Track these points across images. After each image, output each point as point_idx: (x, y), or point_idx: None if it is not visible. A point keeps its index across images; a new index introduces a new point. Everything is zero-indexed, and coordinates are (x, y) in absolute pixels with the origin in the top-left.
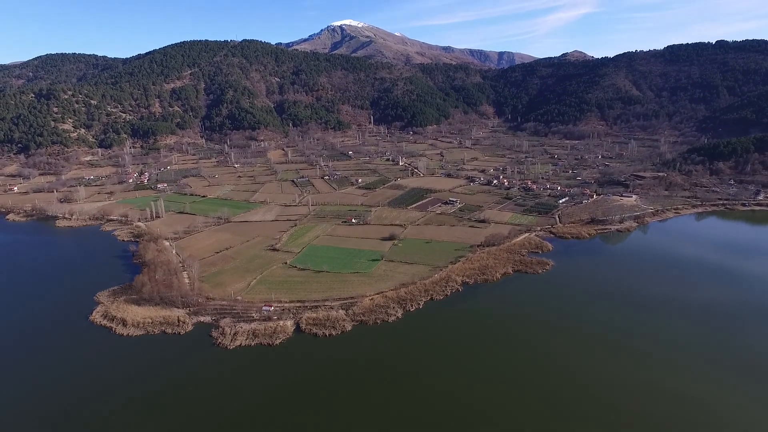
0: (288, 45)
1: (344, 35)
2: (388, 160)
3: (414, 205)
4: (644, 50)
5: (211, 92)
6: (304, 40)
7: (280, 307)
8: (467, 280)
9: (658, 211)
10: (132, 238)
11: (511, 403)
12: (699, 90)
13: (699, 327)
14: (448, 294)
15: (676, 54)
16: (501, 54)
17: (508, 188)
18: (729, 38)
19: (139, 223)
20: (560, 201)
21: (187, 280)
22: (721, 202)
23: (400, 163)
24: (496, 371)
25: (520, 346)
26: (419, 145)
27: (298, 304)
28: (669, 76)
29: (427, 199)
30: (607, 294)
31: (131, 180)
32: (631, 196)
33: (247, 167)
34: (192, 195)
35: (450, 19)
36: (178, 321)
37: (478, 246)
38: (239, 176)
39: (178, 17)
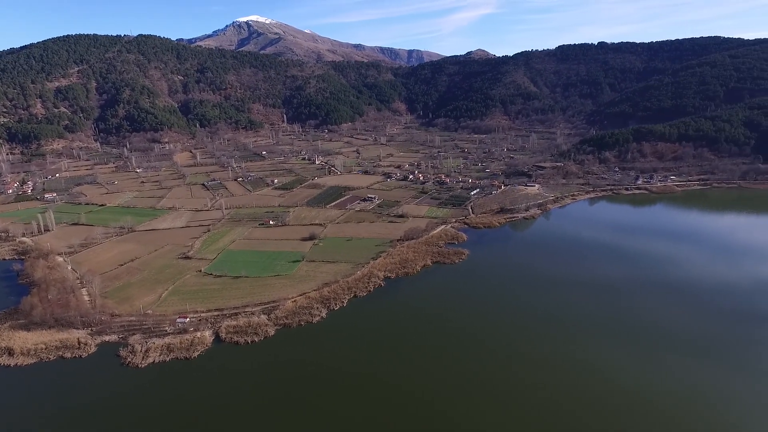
0: (190, 41)
1: (251, 31)
2: (304, 159)
3: (333, 204)
4: (539, 49)
5: (105, 91)
6: (208, 36)
7: (196, 318)
8: (389, 275)
9: (557, 198)
10: (15, 256)
11: (443, 387)
12: (586, 86)
13: (597, 301)
14: (371, 290)
15: (566, 53)
16: (410, 52)
17: (424, 183)
18: (609, 40)
19: (24, 239)
20: (472, 193)
21: (87, 298)
22: (609, 187)
23: (317, 162)
24: (425, 358)
25: (444, 332)
26: (335, 143)
27: (216, 313)
28: (561, 74)
29: (346, 197)
30: (519, 277)
31: (10, 191)
32: (534, 186)
33: (151, 172)
34: (88, 204)
35: (359, 16)
36: (79, 343)
37: (398, 240)
38: (142, 182)
39: (60, 8)
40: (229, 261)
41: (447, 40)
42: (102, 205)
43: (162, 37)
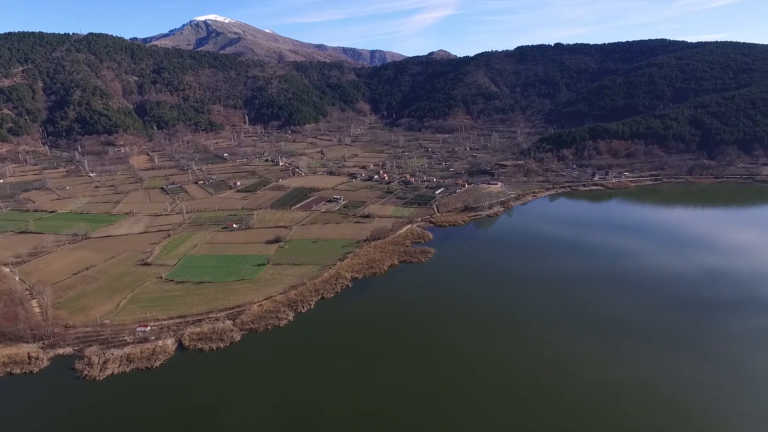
0: (145, 40)
1: (210, 31)
2: (267, 160)
3: (298, 205)
4: (499, 50)
5: (53, 92)
6: (164, 36)
7: (157, 326)
8: (356, 276)
9: (519, 195)
10: None
11: (410, 387)
12: (544, 86)
13: (559, 295)
14: (339, 291)
15: (524, 54)
16: (373, 52)
17: (389, 182)
18: (564, 41)
19: None
20: (437, 192)
21: (38, 310)
22: (568, 184)
23: (281, 163)
24: (392, 358)
25: (411, 332)
26: (299, 144)
27: (178, 320)
28: (520, 74)
29: (311, 198)
30: (484, 274)
31: None
32: (497, 184)
33: (106, 176)
34: (37, 211)
35: (321, 17)
36: (29, 358)
37: (365, 241)
38: (97, 186)
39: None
40: (192, 266)
41: (409, 41)
42: (52, 211)
43: (114, 36)
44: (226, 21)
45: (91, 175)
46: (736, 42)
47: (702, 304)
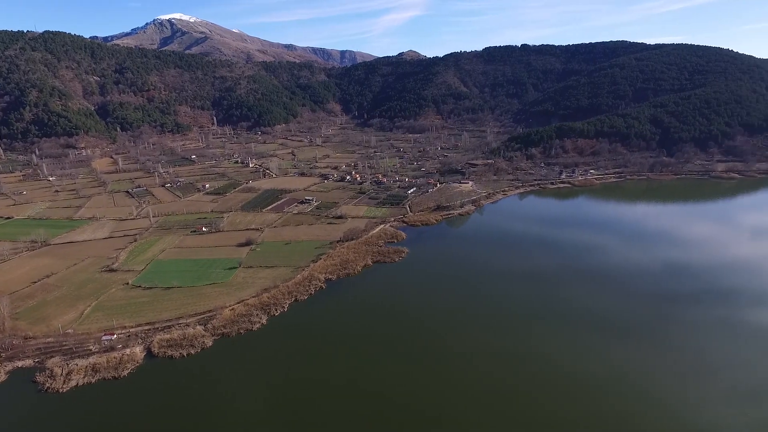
0: (107, 39)
1: (175, 30)
2: (237, 162)
3: (269, 207)
4: (467, 51)
5: (6, 93)
6: (127, 35)
7: (124, 334)
8: (330, 277)
9: (490, 194)
10: None
11: (387, 385)
12: (512, 86)
13: (529, 290)
14: (313, 293)
15: (492, 55)
16: (343, 52)
17: (361, 183)
18: (531, 42)
19: None
20: (409, 191)
21: None
22: (536, 182)
23: (251, 165)
24: (369, 358)
25: (386, 331)
26: (269, 145)
27: (147, 327)
28: (489, 74)
29: (283, 200)
30: (457, 272)
31: None
32: (468, 183)
33: (67, 180)
34: None
35: (289, 16)
36: None
37: (338, 242)
38: (57, 191)
39: None
40: (160, 271)
41: (379, 41)
42: (8, 218)
43: (73, 34)
44: (191, 20)
45: (51, 179)
46: (691, 44)
47: (665, 296)
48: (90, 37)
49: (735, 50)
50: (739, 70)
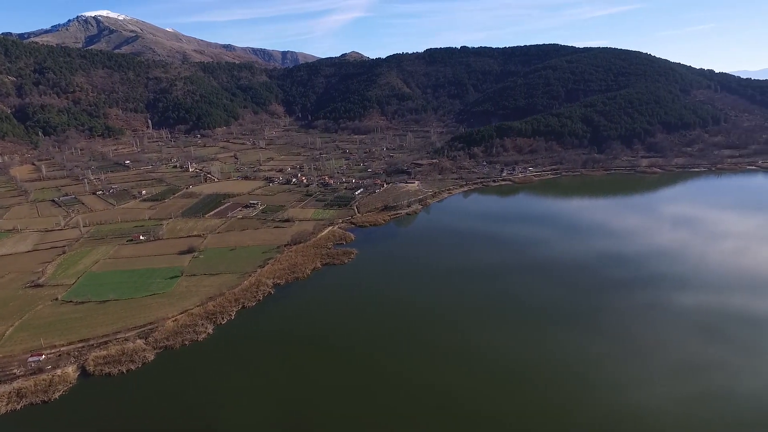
0: (23, 36)
1: (102, 28)
2: (175, 167)
3: (212, 213)
4: (410, 52)
5: None
6: (47, 32)
7: (54, 354)
8: (278, 281)
9: (436, 193)
10: None
11: (335, 390)
12: (453, 87)
13: (477, 286)
14: (261, 299)
15: (433, 56)
16: (284, 53)
17: (308, 185)
18: (470, 44)
19: None
20: (356, 193)
21: None
22: (480, 180)
23: (191, 169)
24: (317, 362)
25: (336, 334)
26: (210, 149)
27: (80, 345)
28: (430, 76)
29: (226, 205)
30: (406, 271)
31: None
32: (414, 182)
33: None
34: None
35: (227, 16)
36: None
37: (286, 246)
38: None
39: None
40: (93, 284)
41: (321, 42)
42: None
43: None
44: (120, 18)
45: None
46: (615, 48)
47: (600, 285)
48: (2, 33)
49: (652, 54)
50: (656, 72)
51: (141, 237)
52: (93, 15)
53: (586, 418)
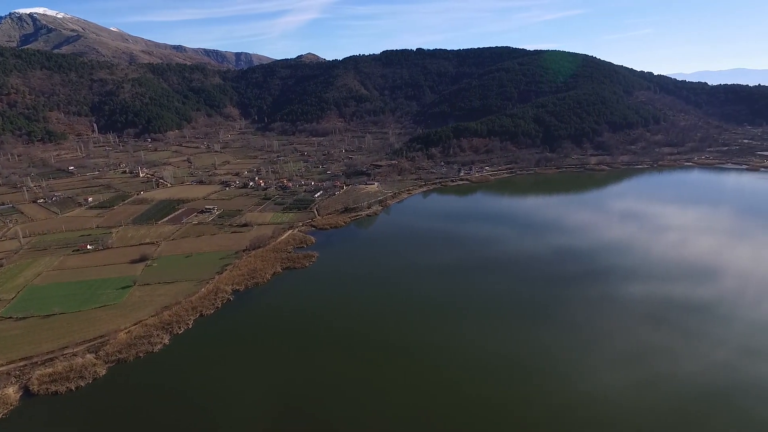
0: None
1: (39, 26)
2: (124, 172)
3: (165, 219)
4: (366, 54)
5: None
6: None
7: None
8: (238, 288)
9: (395, 193)
10: None
11: (300, 393)
12: (410, 89)
13: (438, 283)
14: (219, 306)
15: (390, 58)
16: (238, 55)
17: (266, 189)
18: (425, 47)
19: None
20: (316, 195)
21: None
22: (438, 180)
23: (141, 175)
24: (279, 368)
25: (300, 335)
26: (161, 153)
27: (22, 363)
28: (387, 77)
29: (180, 210)
30: (368, 272)
31: None
32: (374, 184)
33: None
34: None
35: (176, 16)
36: None
37: (244, 251)
38: None
39: None
40: (36, 298)
41: (276, 44)
42: None
43: None
44: (59, 16)
45: None
46: (563, 51)
47: (556, 279)
48: None
49: (598, 57)
50: (602, 75)
51: (88, 246)
52: (28, 12)
53: (541, 408)
